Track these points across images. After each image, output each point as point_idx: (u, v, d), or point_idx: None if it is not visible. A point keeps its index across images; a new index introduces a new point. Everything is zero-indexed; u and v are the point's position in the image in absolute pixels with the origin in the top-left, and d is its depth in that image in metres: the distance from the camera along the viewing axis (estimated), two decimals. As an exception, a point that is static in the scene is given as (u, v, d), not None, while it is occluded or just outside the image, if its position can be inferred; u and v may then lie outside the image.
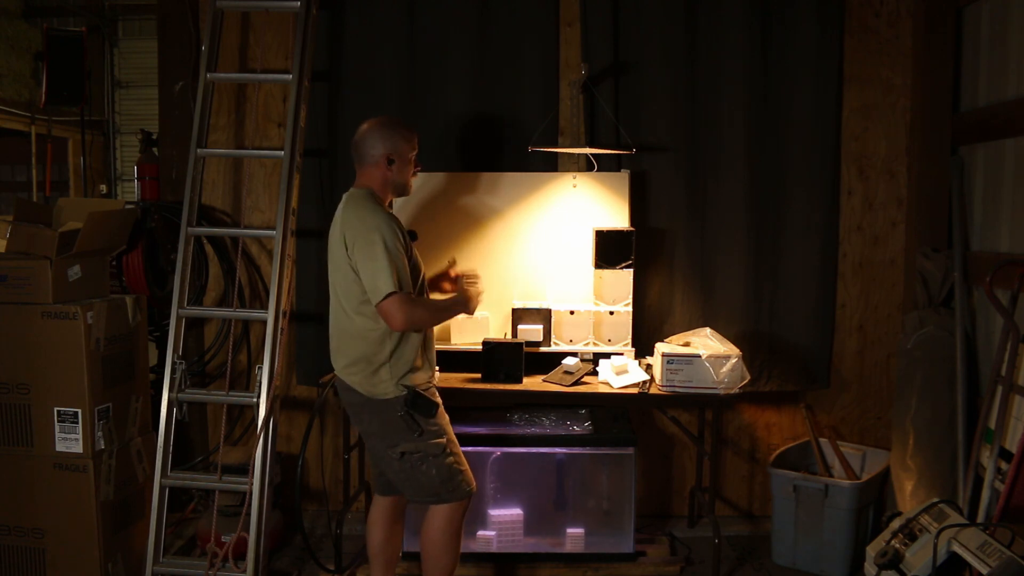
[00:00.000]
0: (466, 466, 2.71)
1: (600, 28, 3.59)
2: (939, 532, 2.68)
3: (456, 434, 3.30)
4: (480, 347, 3.32)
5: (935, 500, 2.98)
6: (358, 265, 2.51)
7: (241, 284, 3.75)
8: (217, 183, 3.80)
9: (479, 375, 3.31)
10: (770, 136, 3.62)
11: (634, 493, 3.35)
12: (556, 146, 3.63)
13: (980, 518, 2.87)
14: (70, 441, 2.91)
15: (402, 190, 2.72)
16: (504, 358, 3.28)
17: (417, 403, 2.58)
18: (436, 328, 3.02)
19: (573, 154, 3.66)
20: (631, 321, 3.46)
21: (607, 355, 3.39)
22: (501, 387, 3.28)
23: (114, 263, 3.43)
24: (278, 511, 3.57)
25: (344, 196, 2.66)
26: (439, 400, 2.72)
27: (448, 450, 2.65)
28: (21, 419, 2.92)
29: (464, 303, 2.80)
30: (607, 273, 3.44)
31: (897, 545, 2.87)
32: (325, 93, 3.65)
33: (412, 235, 2.72)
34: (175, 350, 3.03)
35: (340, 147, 3.68)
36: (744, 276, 3.66)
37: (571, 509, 3.39)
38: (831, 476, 3.51)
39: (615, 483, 3.36)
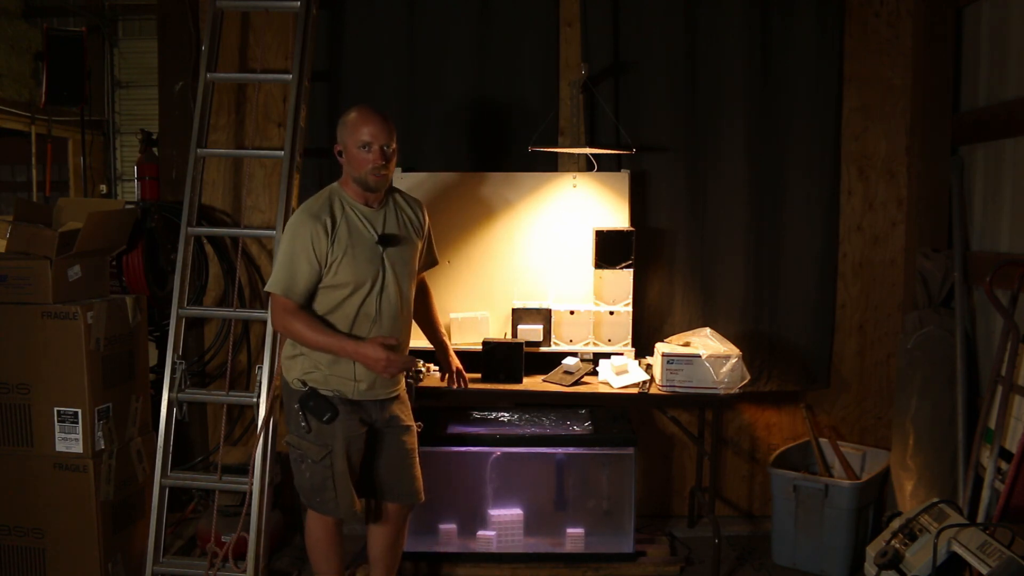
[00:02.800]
0: (344, 491, 2.58)
1: (600, 28, 3.59)
2: (939, 532, 2.68)
3: (456, 434, 3.33)
4: (480, 347, 3.32)
5: (935, 500, 2.98)
6: None
7: (241, 284, 3.75)
8: (217, 183, 3.80)
9: (479, 375, 3.31)
10: (770, 136, 3.62)
11: (634, 493, 3.34)
12: (556, 146, 3.63)
13: (980, 518, 2.87)
14: (70, 441, 2.91)
15: (362, 183, 2.55)
16: (504, 358, 3.28)
17: (310, 404, 2.54)
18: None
19: (573, 154, 3.66)
20: (631, 321, 3.46)
21: (607, 355, 3.39)
22: (501, 387, 3.28)
23: (114, 263, 3.43)
24: (278, 511, 3.57)
25: None
26: (410, 412, 2.73)
27: (328, 461, 2.55)
28: (21, 419, 2.92)
29: (356, 355, 2.49)
30: (607, 273, 3.44)
31: (897, 545, 2.87)
32: (325, 93, 3.65)
33: (385, 239, 2.56)
34: (175, 350, 3.03)
35: (340, 147, 3.68)
36: (744, 276, 3.66)
37: (571, 509, 3.38)
38: (831, 476, 3.51)
39: (615, 483, 3.36)
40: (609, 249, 3.41)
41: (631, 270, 3.44)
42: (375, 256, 2.55)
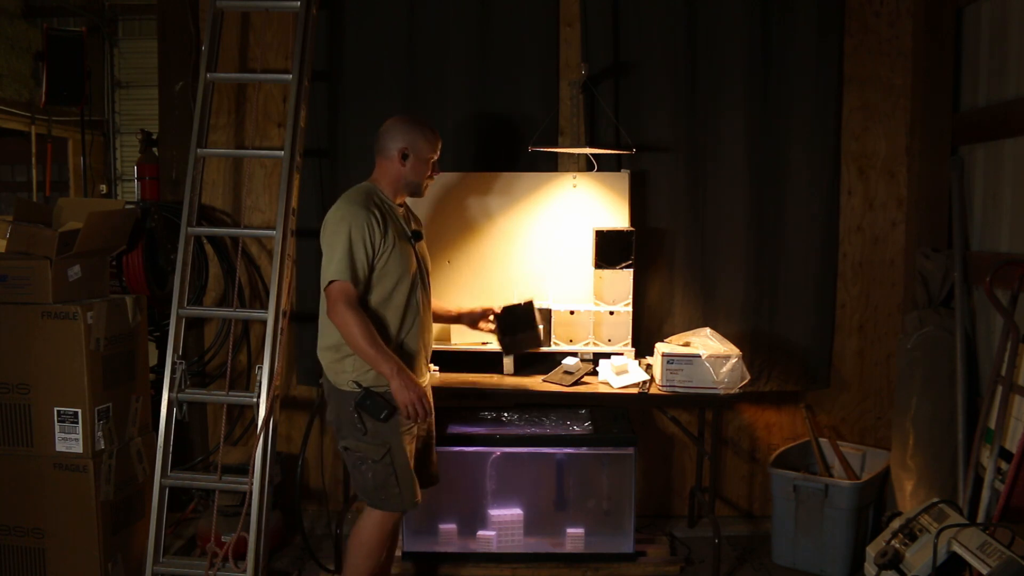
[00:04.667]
0: (407, 484, 2.65)
1: (600, 28, 3.59)
2: (939, 532, 2.68)
3: (456, 434, 3.33)
4: (479, 347, 3.34)
5: (935, 500, 2.98)
6: (323, 251, 2.59)
7: (241, 284, 3.75)
8: (217, 183, 3.80)
9: (495, 339, 3.25)
10: (770, 136, 3.62)
11: (634, 493, 3.34)
12: (556, 146, 3.63)
13: (980, 518, 2.87)
14: (70, 441, 2.91)
15: (414, 189, 2.72)
16: (519, 319, 3.21)
17: (367, 403, 2.57)
18: (436, 327, 3.05)
19: (573, 154, 3.66)
20: (631, 321, 3.46)
21: (607, 355, 3.39)
22: (500, 388, 3.28)
23: (114, 263, 3.43)
24: (278, 511, 3.57)
25: None
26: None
27: (388, 459, 2.61)
28: (21, 419, 2.92)
29: (394, 377, 2.53)
30: (607, 273, 3.44)
31: (897, 545, 2.87)
32: (325, 93, 3.65)
33: (417, 235, 2.73)
34: (175, 350, 3.02)
35: (340, 147, 3.68)
36: (744, 276, 3.65)
37: (571, 509, 3.38)
38: (831, 476, 3.51)
39: (615, 483, 3.36)
40: (609, 249, 3.41)
41: (631, 270, 3.44)
42: (411, 250, 2.68)
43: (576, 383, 3.26)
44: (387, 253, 2.59)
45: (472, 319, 3.18)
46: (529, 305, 3.25)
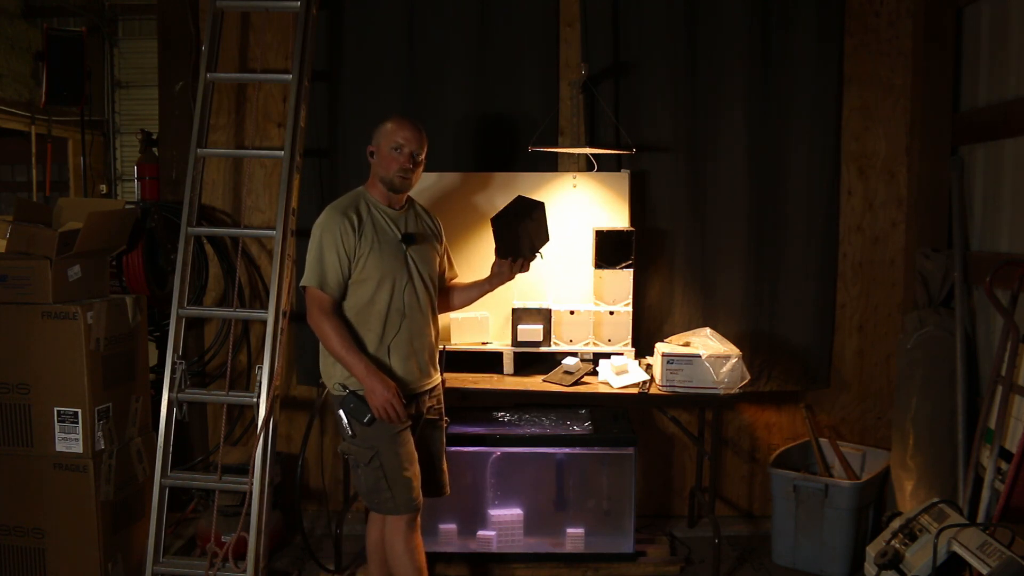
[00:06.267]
0: (399, 488, 2.60)
1: (600, 28, 3.59)
2: (939, 532, 2.68)
3: (456, 434, 3.32)
4: (479, 347, 3.37)
5: (935, 500, 2.98)
6: None
7: (241, 284, 3.75)
8: (217, 183, 3.80)
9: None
10: (770, 136, 3.62)
11: (634, 493, 3.34)
12: (556, 146, 3.63)
13: (980, 518, 2.87)
14: (70, 441, 2.91)
15: (389, 185, 2.66)
16: (509, 220, 2.85)
17: (350, 406, 2.58)
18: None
19: (573, 154, 3.66)
20: (631, 321, 3.46)
21: (607, 355, 3.39)
22: (501, 388, 3.28)
23: (114, 263, 3.43)
24: (278, 511, 3.57)
25: None
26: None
27: (377, 462, 2.59)
28: (21, 419, 2.92)
29: (364, 379, 2.55)
30: (607, 273, 3.44)
31: (897, 545, 2.87)
32: (325, 93, 3.65)
33: (408, 238, 2.68)
34: (175, 350, 3.02)
35: (340, 147, 3.68)
36: (744, 276, 3.65)
37: (571, 509, 3.38)
38: (831, 476, 3.51)
39: (615, 483, 3.36)
40: (609, 249, 3.41)
41: (631, 270, 3.43)
42: (399, 253, 2.66)
43: (576, 383, 3.26)
44: (363, 257, 2.59)
45: (495, 273, 2.89)
46: (517, 200, 2.88)
